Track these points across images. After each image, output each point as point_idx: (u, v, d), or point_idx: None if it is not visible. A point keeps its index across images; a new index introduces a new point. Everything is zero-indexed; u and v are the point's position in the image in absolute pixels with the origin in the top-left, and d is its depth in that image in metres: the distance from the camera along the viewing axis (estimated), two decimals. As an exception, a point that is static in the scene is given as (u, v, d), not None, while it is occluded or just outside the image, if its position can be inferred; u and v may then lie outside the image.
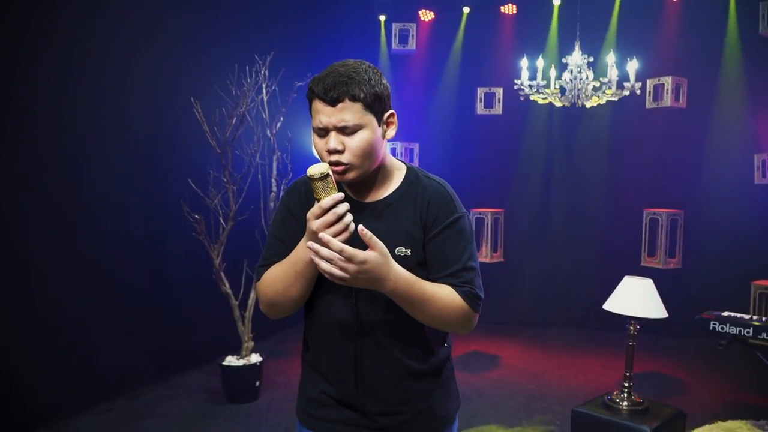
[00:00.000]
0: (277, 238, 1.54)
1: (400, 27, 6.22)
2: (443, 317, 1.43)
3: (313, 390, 1.60)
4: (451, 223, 1.47)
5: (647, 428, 2.74)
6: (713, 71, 5.46)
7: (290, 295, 1.47)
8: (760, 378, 4.73)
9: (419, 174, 1.54)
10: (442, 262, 1.46)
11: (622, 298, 3.00)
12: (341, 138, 1.39)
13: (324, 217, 1.32)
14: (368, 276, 1.32)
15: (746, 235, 5.35)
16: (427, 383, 1.55)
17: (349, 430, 1.55)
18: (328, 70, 1.41)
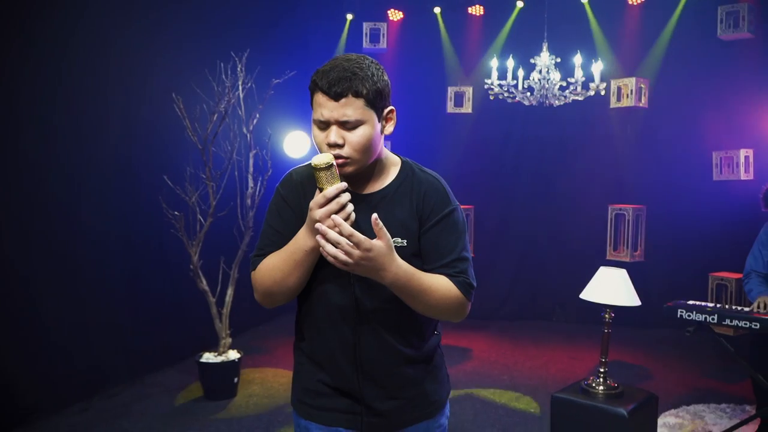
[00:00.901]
0: (272, 228, 1.56)
1: (371, 26, 6.28)
2: (439, 307, 1.49)
3: (309, 380, 1.61)
4: (446, 215, 1.53)
5: (624, 411, 2.88)
6: (674, 73, 5.69)
7: (288, 284, 1.49)
8: (720, 365, 4.99)
9: (414, 167, 1.59)
10: (438, 252, 1.52)
11: (597, 288, 3.13)
12: (342, 132, 1.42)
13: (327, 206, 1.36)
14: (371, 264, 1.36)
15: (705, 229, 5.60)
16: (420, 369, 1.60)
17: (346, 418, 1.57)
18: (331, 63, 1.44)
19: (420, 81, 6.45)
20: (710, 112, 5.55)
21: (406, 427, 1.60)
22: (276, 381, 4.62)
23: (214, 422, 3.86)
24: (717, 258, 5.42)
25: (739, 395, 4.29)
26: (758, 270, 3.54)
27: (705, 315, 3.33)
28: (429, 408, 1.62)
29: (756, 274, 3.52)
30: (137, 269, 4.54)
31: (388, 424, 1.58)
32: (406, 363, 1.56)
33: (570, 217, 6.19)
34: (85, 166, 4.09)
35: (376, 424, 1.57)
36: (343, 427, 1.57)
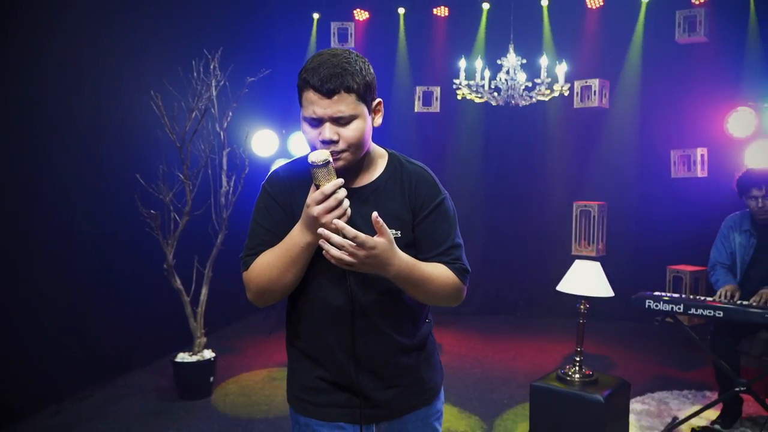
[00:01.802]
0: (263, 228, 1.56)
1: (339, 26, 6.31)
2: (439, 294, 1.54)
3: (306, 377, 1.62)
4: (438, 204, 1.58)
5: (600, 397, 3.00)
6: (634, 74, 5.92)
7: (284, 281, 1.50)
8: (679, 354, 5.23)
9: (401, 159, 1.62)
10: (433, 241, 1.56)
11: (573, 280, 3.25)
12: (336, 128, 1.44)
13: (326, 202, 1.37)
14: (376, 261, 1.39)
15: (663, 225, 5.86)
16: (415, 357, 1.63)
17: (346, 412, 1.59)
18: (318, 60, 1.44)
19: (388, 80, 6.51)
20: (668, 112, 5.80)
21: (404, 414, 1.63)
22: (251, 379, 4.61)
23: (192, 421, 3.83)
24: (674, 252, 5.68)
25: (698, 382, 4.51)
26: (723, 261, 3.74)
27: (672, 305, 3.50)
28: (426, 395, 1.67)
29: (721, 266, 3.72)
30: (108, 269, 4.45)
31: (387, 413, 1.61)
32: (402, 351, 1.60)
33: (535, 214, 6.36)
34: (53, 164, 4.00)
35: (376, 415, 1.60)
36: (343, 421, 1.59)
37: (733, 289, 3.50)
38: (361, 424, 1.58)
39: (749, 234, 3.70)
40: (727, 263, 3.73)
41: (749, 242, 3.69)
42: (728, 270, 3.71)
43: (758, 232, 3.68)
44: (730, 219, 3.86)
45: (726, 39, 5.59)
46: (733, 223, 3.81)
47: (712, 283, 3.77)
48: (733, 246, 3.75)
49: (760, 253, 3.66)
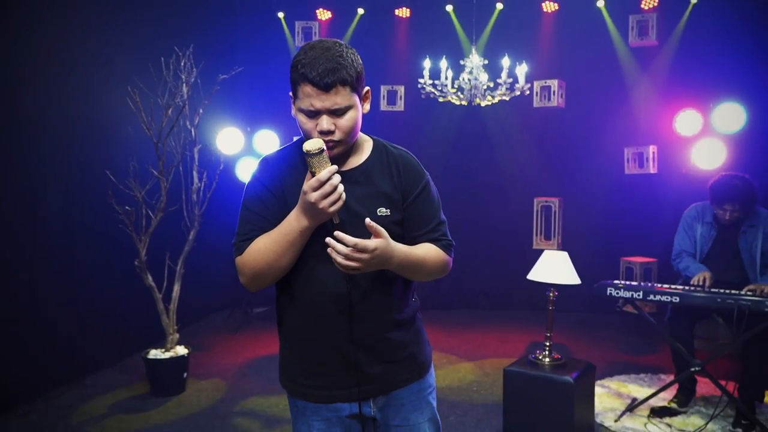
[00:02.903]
0: (255, 213, 1.60)
1: (303, 25, 6.36)
2: (431, 271, 1.67)
3: (302, 360, 1.68)
4: (424, 186, 1.68)
5: (569, 378, 3.19)
6: (588, 75, 6.19)
7: (280, 264, 1.55)
8: (632, 341, 5.52)
9: (386, 144, 1.71)
10: (422, 220, 1.67)
11: (543, 269, 3.43)
12: (333, 119, 1.50)
13: (322, 188, 1.43)
14: (378, 260, 1.47)
15: (617, 218, 6.16)
16: (405, 332, 1.71)
17: (343, 393, 1.65)
18: (312, 54, 1.48)
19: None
20: (622, 112, 6.10)
21: (398, 388, 1.70)
22: (223, 375, 4.63)
23: (168, 417, 3.84)
24: (627, 244, 5.98)
25: (652, 366, 4.79)
26: (688, 250, 3.95)
27: (632, 292, 3.72)
28: (417, 368, 1.74)
29: (687, 254, 3.94)
30: (76, 267, 4.40)
31: (382, 388, 1.68)
32: (394, 327, 1.67)
33: (496, 210, 6.56)
34: (19, 160, 3.93)
35: (371, 390, 1.67)
36: (340, 401, 1.66)
37: (708, 276, 3.68)
38: (359, 401, 1.65)
39: (710, 226, 3.91)
40: (692, 251, 3.95)
41: (710, 234, 3.91)
42: (694, 258, 3.93)
43: (719, 224, 3.89)
44: (693, 209, 4.04)
45: (675, 43, 5.92)
46: (696, 213, 4.00)
47: (680, 269, 3.94)
48: (696, 236, 3.96)
49: (718, 245, 3.89)
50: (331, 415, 1.67)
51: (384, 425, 1.72)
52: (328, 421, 1.67)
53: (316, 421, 1.67)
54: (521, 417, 3.32)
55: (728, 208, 3.75)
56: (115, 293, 4.70)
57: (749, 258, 3.77)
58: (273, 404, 4.06)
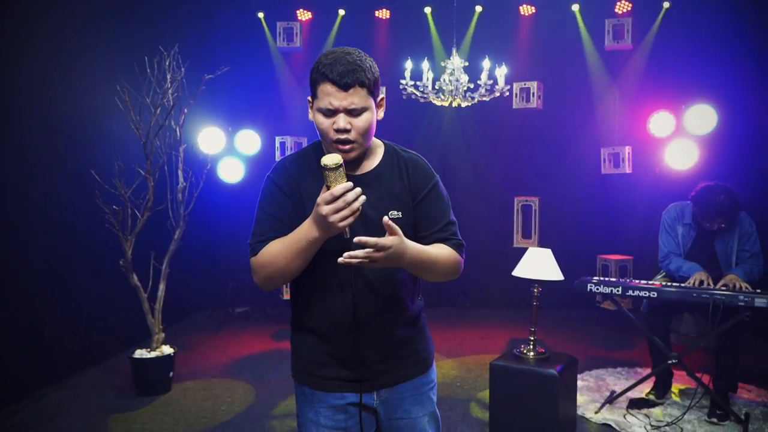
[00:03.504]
0: (270, 215, 1.66)
1: (285, 25, 6.38)
2: (445, 271, 1.70)
3: (314, 352, 1.74)
4: (433, 187, 1.74)
5: (554, 371, 3.28)
6: (565, 77, 6.34)
7: (290, 270, 1.61)
8: (607, 337, 5.67)
9: (396, 148, 1.78)
10: (431, 220, 1.72)
11: (527, 266, 3.52)
12: (349, 119, 1.58)
13: (335, 203, 1.47)
14: (392, 257, 1.50)
15: (594, 217, 6.31)
16: (410, 330, 1.78)
17: (351, 385, 1.72)
18: (333, 56, 1.57)
19: (335, 80, 6.65)
20: (598, 113, 6.26)
21: (401, 383, 1.77)
22: (208, 374, 4.65)
23: (156, 416, 3.84)
24: (604, 242, 6.13)
25: (629, 360, 4.93)
26: (674, 251, 4.04)
27: (611, 288, 3.84)
28: (420, 365, 1.82)
29: (674, 254, 4.02)
30: (60, 267, 4.38)
31: (386, 382, 1.75)
32: (401, 325, 1.75)
33: (476, 209, 6.66)
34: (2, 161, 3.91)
35: (376, 384, 1.74)
36: (348, 391, 1.73)
37: (706, 276, 3.74)
38: (361, 393, 1.73)
39: (690, 227, 4.01)
40: (679, 252, 4.04)
41: (689, 234, 4.01)
42: (683, 259, 3.99)
43: (698, 225, 3.98)
44: (673, 210, 4.11)
45: (648, 46, 6.09)
46: (676, 214, 4.08)
47: (672, 271, 3.99)
48: (678, 236, 4.04)
49: (697, 245, 4.00)
50: (336, 403, 1.73)
51: (386, 418, 1.78)
52: (334, 408, 1.73)
53: (323, 407, 1.74)
54: (507, 409, 3.41)
55: (719, 221, 3.81)
56: (98, 293, 4.68)
57: (725, 258, 3.90)
58: (261, 402, 4.09)
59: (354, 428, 1.74)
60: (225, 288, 6.36)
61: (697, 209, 3.88)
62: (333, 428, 1.73)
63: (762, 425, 3.61)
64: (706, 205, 3.79)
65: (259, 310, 6.46)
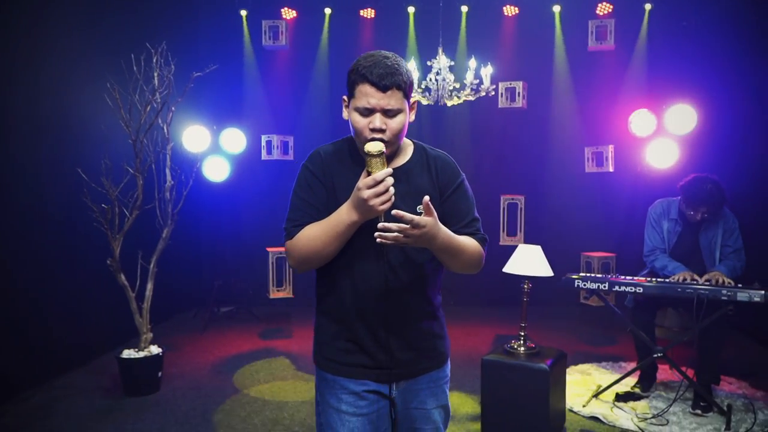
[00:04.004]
0: (305, 201, 1.75)
1: (270, 23, 6.37)
2: (469, 262, 1.77)
3: (337, 338, 1.79)
4: (459, 184, 1.83)
5: (545, 366, 3.34)
6: (550, 77, 6.43)
7: (326, 253, 1.69)
8: (590, 332, 5.77)
9: (425, 147, 1.86)
10: (457, 215, 1.80)
11: (518, 262, 3.58)
12: (384, 119, 1.66)
13: (376, 187, 1.56)
14: (426, 236, 1.58)
15: (578, 215, 6.41)
16: (432, 323, 1.85)
17: (374, 372, 1.78)
18: (372, 59, 1.66)
19: (321, 79, 6.66)
20: (582, 112, 6.36)
21: (419, 375, 1.84)
22: (196, 373, 4.63)
23: (147, 416, 3.82)
24: (588, 239, 6.23)
25: (612, 355, 5.03)
26: (659, 246, 4.12)
27: (598, 284, 3.92)
28: (438, 359, 1.88)
29: (660, 251, 4.11)
30: (45, 267, 4.32)
31: (407, 373, 1.81)
32: (424, 317, 1.82)
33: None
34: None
35: (398, 374, 1.80)
36: (370, 379, 1.78)
37: (689, 275, 3.82)
38: (390, 383, 1.79)
39: (675, 222, 4.11)
40: (664, 247, 4.12)
41: (675, 230, 4.11)
42: (668, 255, 4.08)
43: (683, 221, 4.09)
44: (658, 206, 4.20)
45: (630, 47, 6.20)
46: (662, 210, 4.16)
47: (656, 268, 4.08)
48: (663, 231, 4.14)
49: (682, 240, 4.10)
50: (358, 389, 1.78)
51: (403, 408, 1.84)
52: (355, 394, 1.78)
53: (344, 394, 1.79)
54: (498, 404, 3.45)
55: (702, 210, 3.90)
56: (83, 293, 4.64)
57: (709, 253, 4.00)
58: (251, 401, 4.09)
59: (373, 415, 1.80)
60: (210, 287, 6.34)
61: (684, 197, 3.97)
62: (353, 414, 1.78)
63: (744, 416, 3.72)
64: (693, 193, 3.88)
65: (245, 310, 6.44)
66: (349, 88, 1.70)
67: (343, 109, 1.76)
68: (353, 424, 1.77)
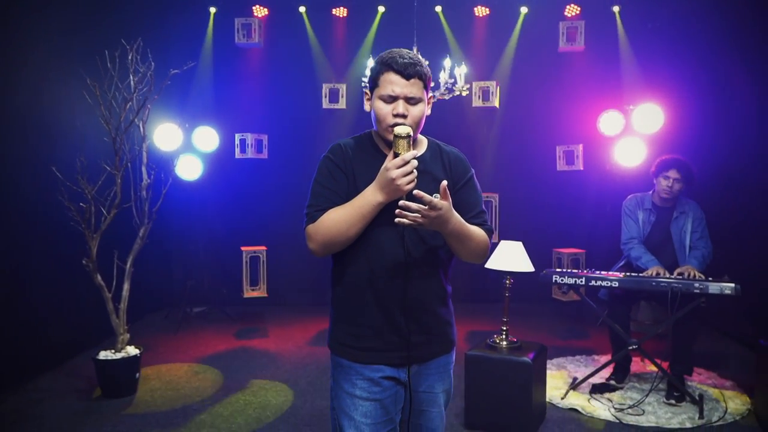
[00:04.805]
0: (326, 188, 1.83)
1: (243, 21, 6.31)
2: (476, 249, 1.87)
3: (352, 325, 1.85)
4: (470, 178, 1.96)
5: (528, 359, 3.41)
6: (521, 77, 6.54)
7: (350, 234, 1.75)
8: (563, 327, 5.89)
9: (438, 142, 2.00)
10: (468, 206, 1.91)
11: (500, 258, 3.65)
12: (407, 106, 1.77)
13: (404, 167, 1.66)
14: (440, 219, 1.68)
15: (550, 212, 6.54)
16: (444, 310, 1.93)
17: (388, 356, 1.84)
18: (395, 52, 1.78)
19: (296, 77, 6.62)
20: (553, 112, 6.48)
21: (430, 359, 1.92)
22: (172, 374, 4.57)
23: (126, 417, 3.76)
24: (559, 236, 6.37)
25: (585, 348, 5.15)
26: (636, 235, 4.29)
27: (575, 279, 4.02)
28: (447, 345, 1.96)
29: (637, 241, 4.28)
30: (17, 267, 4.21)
31: (420, 356, 1.89)
32: (438, 303, 1.90)
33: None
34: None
35: (412, 357, 1.86)
36: (383, 364, 1.84)
37: (662, 271, 3.97)
38: (404, 366, 1.85)
39: (650, 212, 4.31)
40: (640, 235, 4.30)
41: (649, 219, 4.30)
42: (643, 245, 4.24)
43: (657, 211, 4.30)
44: (633, 199, 4.40)
45: (599, 48, 6.35)
46: (636, 202, 4.37)
47: (632, 257, 4.25)
48: (639, 221, 4.32)
49: (656, 230, 4.29)
50: (373, 375, 1.84)
51: (413, 390, 1.91)
52: (370, 380, 1.84)
53: (359, 379, 1.84)
54: (482, 397, 3.51)
55: (672, 175, 4.15)
56: (55, 294, 4.53)
57: (679, 242, 4.20)
58: (232, 401, 4.06)
59: (387, 401, 1.85)
60: (182, 288, 6.25)
61: (657, 167, 4.26)
62: (368, 399, 1.83)
63: (715, 405, 3.86)
64: (665, 159, 4.22)
65: (218, 310, 6.37)
66: (374, 79, 1.81)
67: (365, 102, 1.89)
68: (366, 408, 1.83)
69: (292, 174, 6.52)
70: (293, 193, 6.61)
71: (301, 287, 6.60)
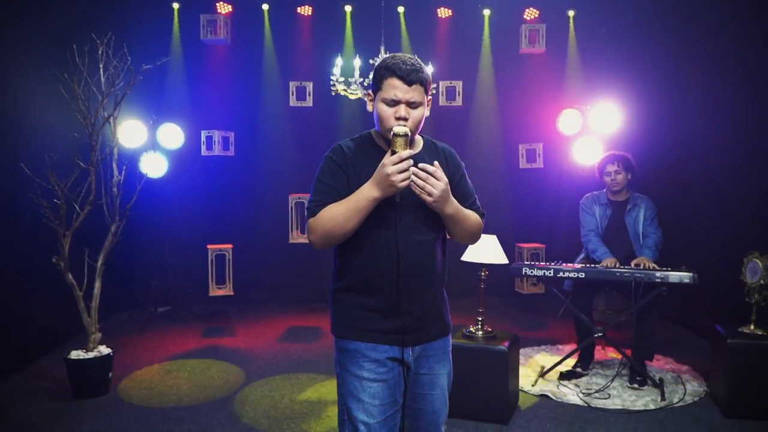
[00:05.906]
0: (327, 185, 1.94)
1: (208, 17, 6.26)
2: (471, 230, 2.04)
3: (356, 308, 1.96)
4: (463, 171, 2.13)
5: (504, 348, 3.55)
6: (485, 78, 6.71)
7: (348, 227, 1.86)
8: (522, 318, 6.09)
9: (433, 140, 2.12)
10: (465, 196, 2.08)
11: (475, 251, 3.77)
12: (408, 109, 1.89)
13: (400, 164, 1.78)
14: (443, 195, 1.84)
15: (513, 208, 6.73)
16: (439, 296, 2.05)
17: (389, 337, 1.94)
18: (398, 58, 1.90)
19: (263, 74, 6.61)
20: (516, 112, 6.67)
21: (429, 342, 2.03)
22: (145, 374, 4.53)
23: (102, 417, 3.71)
24: (520, 231, 6.57)
25: (549, 339, 5.35)
26: (594, 228, 4.53)
27: (543, 271, 4.19)
28: (444, 328, 2.09)
29: (594, 233, 4.51)
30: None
31: (419, 338, 2.00)
32: (434, 288, 2.01)
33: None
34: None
35: (412, 339, 1.97)
36: (386, 344, 1.94)
37: (614, 262, 4.23)
38: (406, 346, 1.96)
39: (605, 207, 4.57)
40: (597, 228, 4.53)
41: (605, 213, 4.56)
42: (600, 238, 4.48)
43: (612, 205, 4.55)
44: (589, 196, 4.68)
45: (558, 51, 6.58)
46: (593, 198, 4.65)
47: (588, 249, 4.50)
48: (596, 215, 4.56)
49: (612, 223, 4.53)
50: (378, 356, 1.94)
51: (414, 372, 2.01)
52: (376, 361, 1.94)
53: (365, 361, 1.94)
54: (459, 386, 3.59)
55: (611, 169, 4.48)
56: (22, 293, 4.43)
57: (634, 232, 4.47)
58: (209, 397, 4.07)
59: (392, 381, 1.95)
60: (147, 287, 6.16)
61: (599, 166, 4.60)
62: (374, 380, 1.93)
63: (675, 388, 4.10)
64: (604, 157, 4.60)
65: (184, 310, 6.31)
66: (377, 83, 1.93)
67: (368, 102, 2.01)
68: (374, 389, 1.92)
69: (259, 171, 6.51)
70: (260, 191, 6.63)
71: (267, 285, 6.62)
